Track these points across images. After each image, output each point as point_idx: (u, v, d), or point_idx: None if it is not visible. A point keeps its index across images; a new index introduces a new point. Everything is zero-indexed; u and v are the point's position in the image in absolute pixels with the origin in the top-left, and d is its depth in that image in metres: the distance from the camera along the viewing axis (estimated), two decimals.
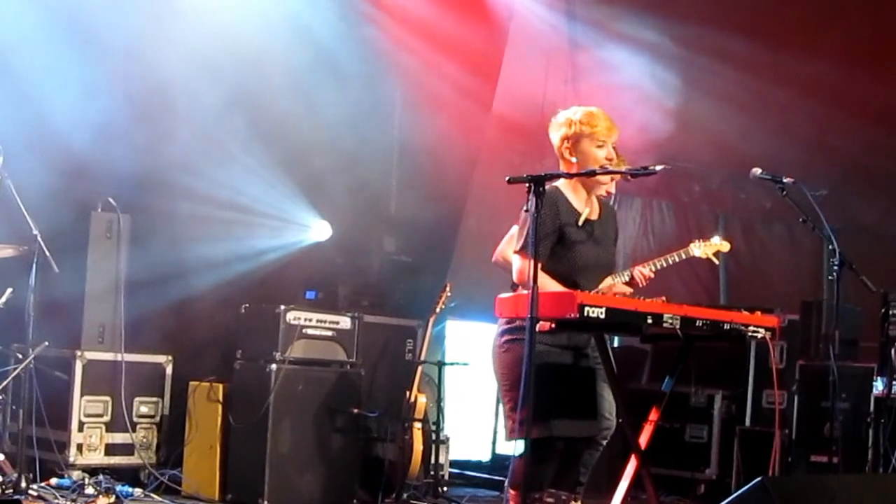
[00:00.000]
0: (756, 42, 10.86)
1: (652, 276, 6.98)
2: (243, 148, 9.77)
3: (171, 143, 9.40)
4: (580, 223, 6.20)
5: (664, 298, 6.14)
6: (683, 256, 7.33)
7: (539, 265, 5.77)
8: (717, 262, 7.75)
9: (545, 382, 5.84)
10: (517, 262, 6.10)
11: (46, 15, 8.91)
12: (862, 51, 10.62)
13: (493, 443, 11.08)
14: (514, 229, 6.81)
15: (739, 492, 5.20)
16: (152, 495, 8.74)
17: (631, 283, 6.69)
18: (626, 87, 11.40)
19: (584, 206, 6.28)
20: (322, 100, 10.12)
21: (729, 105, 11.34)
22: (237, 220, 9.84)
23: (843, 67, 10.55)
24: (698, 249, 7.48)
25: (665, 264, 7.36)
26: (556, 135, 6.29)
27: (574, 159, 6.19)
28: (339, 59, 10.20)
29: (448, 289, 9.56)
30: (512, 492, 6.14)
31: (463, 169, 11.14)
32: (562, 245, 6.14)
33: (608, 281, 6.35)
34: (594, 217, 6.33)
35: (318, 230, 10.59)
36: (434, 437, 9.51)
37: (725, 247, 7.59)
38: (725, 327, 6.17)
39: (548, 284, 5.91)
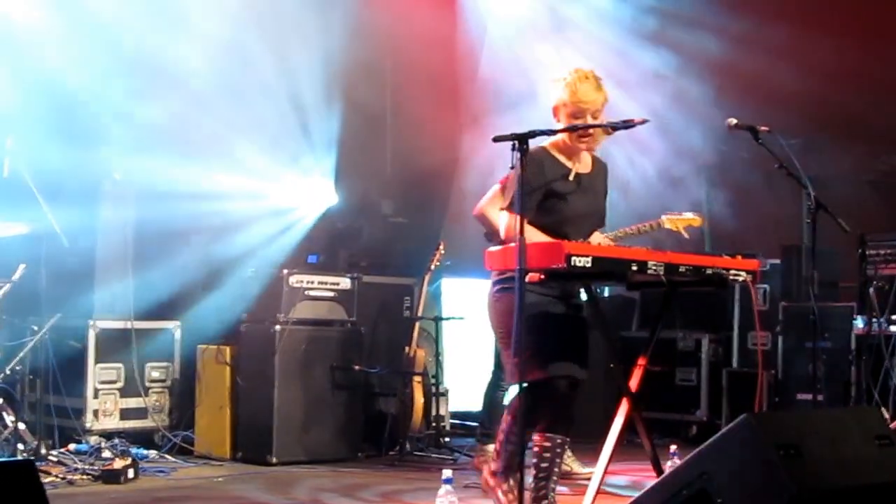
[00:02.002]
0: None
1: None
2: (242, 121, 9.93)
3: (172, 118, 9.51)
4: (570, 178, 6.28)
5: (647, 248, 6.32)
6: (655, 227, 7.59)
7: (526, 220, 6.00)
8: (686, 235, 7.93)
9: (539, 330, 5.99)
10: (504, 219, 6.16)
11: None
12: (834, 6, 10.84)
13: None
14: (496, 187, 7.03)
15: (725, 428, 5.35)
16: (166, 456, 8.99)
17: None
18: (606, 44, 11.61)
19: (574, 160, 6.36)
20: (312, 63, 10.30)
21: (708, 60, 11.56)
22: (242, 190, 9.97)
23: (817, 23, 10.77)
24: (670, 223, 7.75)
25: (637, 233, 7.63)
26: (553, 91, 6.36)
27: (560, 120, 6.28)
28: (328, 22, 10.37)
29: (441, 247, 9.78)
30: (509, 417, 6.30)
31: (452, 132, 11.32)
32: (550, 199, 6.23)
33: (596, 236, 6.47)
34: (584, 171, 6.41)
35: (325, 198, 10.78)
36: (434, 389, 9.76)
37: (697, 221, 7.83)
38: (708, 272, 6.23)
39: (534, 237, 5.95)
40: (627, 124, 6.19)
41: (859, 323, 9.63)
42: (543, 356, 6.05)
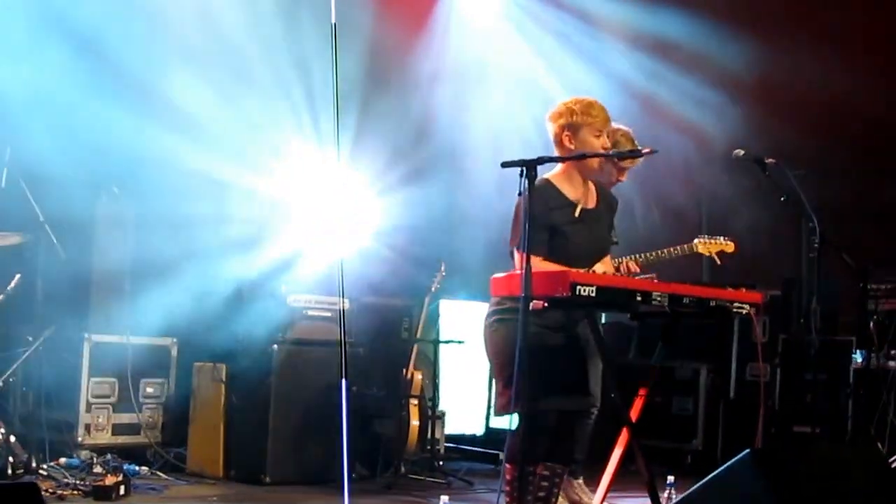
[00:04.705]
0: (732, 24, 11.11)
1: (638, 270, 7.14)
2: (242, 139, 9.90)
3: (173, 130, 9.50)
4: (577, 213, 6.25)
5: (654, 277, 6.31)
6: (687, 251, 7.53)
7: (539, 257, 5.91)
8: (718, 262, 7.84)
9: (534, 360, 5.97)
10: (518, 258, 6.11)
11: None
12: (838, 32, 10.84)
13: (487, 417, 11.17)
14: None
15: (727, 464, 5.31)
16: (158, 473, 8.88)
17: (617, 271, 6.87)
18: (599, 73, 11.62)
19: (580, 194, 6.31)
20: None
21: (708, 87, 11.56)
22: (242, 204, 9.91)
23: (822, 48, 10.77)
24: (702, 246, 7.67)
25: (667, 256, 7.57)
26: (554, 124, 6.31)
27: (573, 147, 6.22)
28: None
29: (442, 269, 9.79)
30: (508, 466, 6.19)
31: (455, 153, 11.36)
32: (556, 238, 6.18)
33: (599, 267, 6.42)
34: (591, 205, 6.37)
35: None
36: (430, 412, 9.71)
37: (730, 247, 7.75)
38: (711, 304, 6.20)
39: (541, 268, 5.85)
40: (635, 153, 6.18)
41: (858, 357, 9.62)
42: (534, 389, 5.98)
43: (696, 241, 7.71)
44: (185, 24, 9.57)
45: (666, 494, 7.00)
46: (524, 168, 5.62)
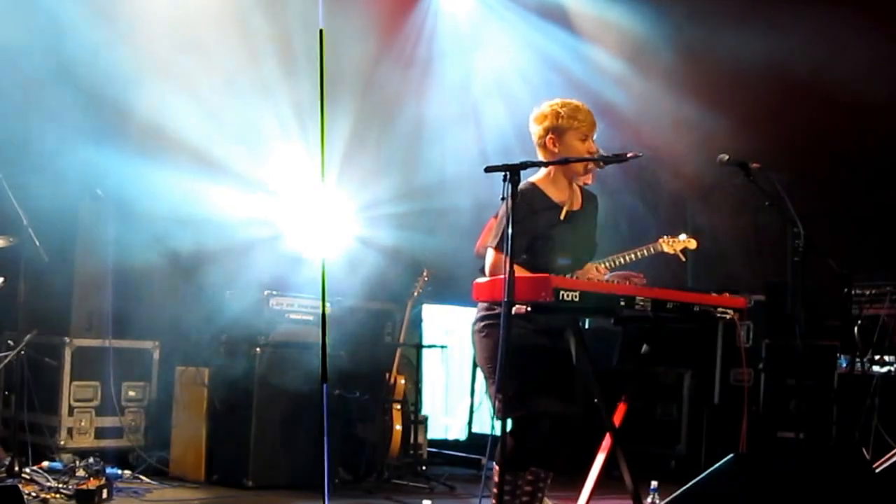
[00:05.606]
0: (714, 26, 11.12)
1: (606, 272, 7.11)
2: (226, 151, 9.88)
3: (157, 138, 9.50)
4: (563, 216, 6.19)
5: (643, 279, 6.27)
6: (652, 252, 7.55)
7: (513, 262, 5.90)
8: (683, 258, 7.91)
9: (524, 364, 5.92)
10: (491, 257, 6.08)
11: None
12: (823, 37, 10.83)
13: (470, 422, 11.17)
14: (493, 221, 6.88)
15: (711, 469, 5.30)
16: (141, 477, 8.88)
17: None
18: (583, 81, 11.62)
19: (565, 196, 6.26)
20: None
21: (691, 93, 11.56)
22: (222, 211, 9.82)
23: (804, 54, 10.77)
24: (667, 245, 7.71)
25: (633, 258, 7.57)
26: (539, 126, 6.23)
27: (557, 151, 6.15)
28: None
29: (425, 274, 9.78)
30: (496, 468, 6.10)
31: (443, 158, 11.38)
32: (539, 240, 6.12)
33: (590, 267, 6.38)
34: (576, 207, 6.30)
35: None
36: (412, 417, 9.72)
37: (692, 244, 7.80)
38: (695, 309, 6.16)
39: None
40: (620, 158, 6.14)
41: (842, 362, 9.60)
42: (525, 392, 5.96)
43: (660, 240, 7.76)
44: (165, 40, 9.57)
45: (649, 500, 7.00)
46: (508, 173, 5.60)
